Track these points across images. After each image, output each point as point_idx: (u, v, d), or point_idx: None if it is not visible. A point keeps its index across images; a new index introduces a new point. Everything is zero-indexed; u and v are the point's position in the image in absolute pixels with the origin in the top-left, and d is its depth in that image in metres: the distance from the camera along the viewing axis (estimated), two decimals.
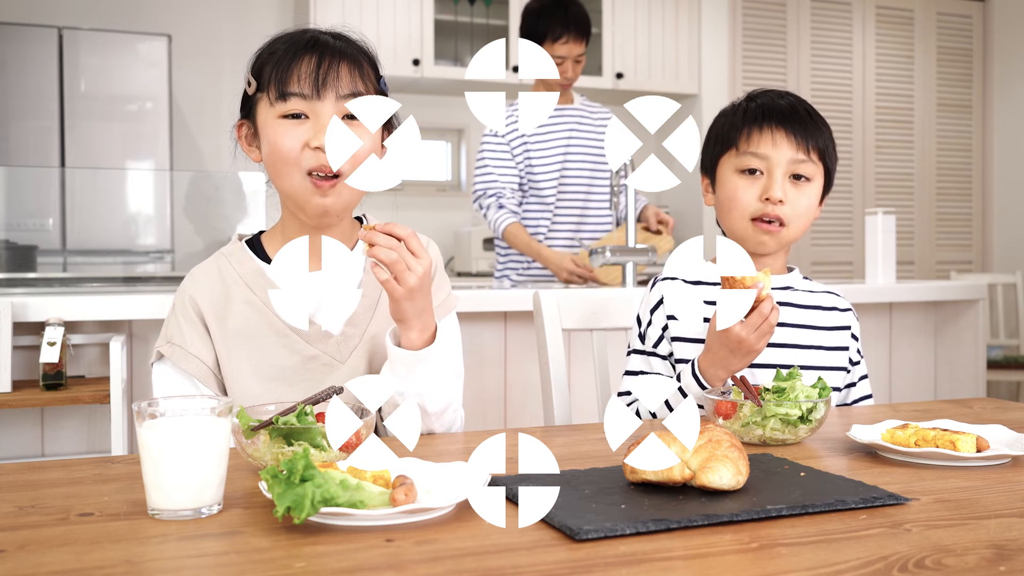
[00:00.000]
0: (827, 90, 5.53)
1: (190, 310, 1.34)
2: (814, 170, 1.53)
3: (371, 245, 1.18)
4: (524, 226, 3.15)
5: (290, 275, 1.35)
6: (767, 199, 1.50)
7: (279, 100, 1.28)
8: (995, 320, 5.21)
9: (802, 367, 1.52)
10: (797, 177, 1.52)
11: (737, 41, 5.32)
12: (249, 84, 1.32)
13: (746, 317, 1.35)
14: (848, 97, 5.60)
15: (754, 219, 1.52)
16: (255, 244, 1.41)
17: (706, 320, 1.54)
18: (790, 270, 1.63)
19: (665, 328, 1.57)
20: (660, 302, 1.58)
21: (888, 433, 1.17)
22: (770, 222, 1.51)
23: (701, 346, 1.50)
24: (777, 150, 1.50)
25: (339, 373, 1.34)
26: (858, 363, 1.63)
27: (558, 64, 3.11)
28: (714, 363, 1.41)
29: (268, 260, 1.38)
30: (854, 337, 1.63)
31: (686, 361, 1.52)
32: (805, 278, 1.65)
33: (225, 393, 1.35)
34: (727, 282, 1.35)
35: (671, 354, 1.57)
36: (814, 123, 1.53)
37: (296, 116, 1.28)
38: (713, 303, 1.56)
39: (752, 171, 1.52)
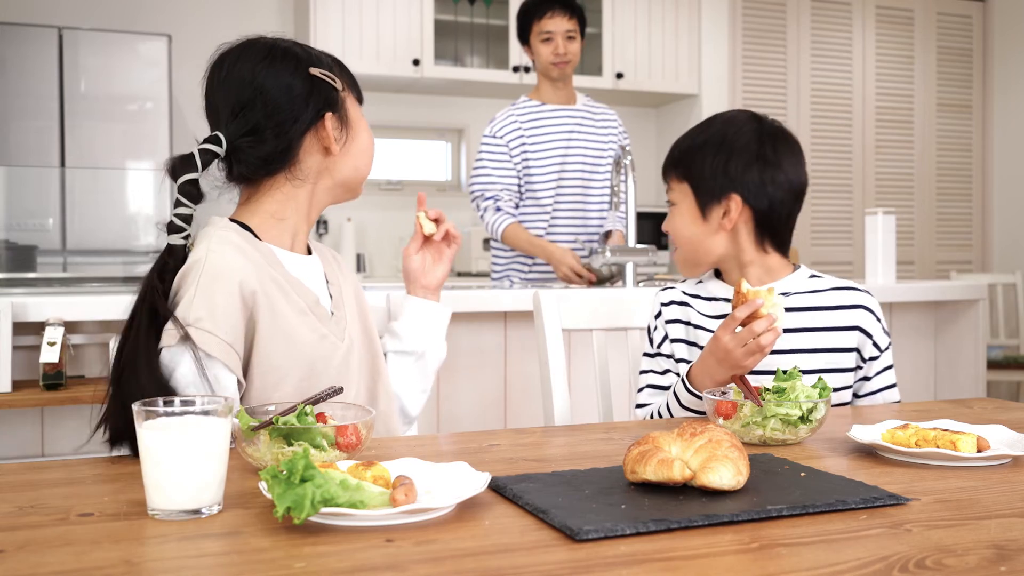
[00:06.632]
0: (827, 90, 5.54)
1: (235, 291, 1.27)
2: (678, 196, 1.63)
3: (435, 222, 1.55)
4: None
5: (300, 260, 1.42)
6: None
7: (358, 101, 1.47)
8: (995, 320, 5.21)
9: (804, 371, 1.51)
10: (672, 203, 1.66)
11: (737, 41, 5.32)
12: (335, 80, 1.42)
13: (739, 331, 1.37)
14: (848, 97, 5.60)
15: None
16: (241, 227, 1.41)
17: (694, 326, 1.63)
18: (796, 268, 1.64)
19: (666, 335, 1.66)
20: (659, 312, 1.68)
21: (888, 433, 1.17)
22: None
23: (688, 346, 1.63)
24: (671, 194, 1.66)
25: (341, 351, 1.38)
26: (876, 357, 1.62)
27: (548, 40, 3.11)
28: (703, 371, 1.45)
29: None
30: (866, 333, 1.60)
31: (685, 361, 1.60)
32: (813, 276, 1.65)
33: (244, 383, 1.30)
34: (736, 296, 1.39)
35: (672, 354, 1.64)
36: (682, 162, 1.63)
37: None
38: (714, 316, 1.63)
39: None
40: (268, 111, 1.35)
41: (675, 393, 1.53)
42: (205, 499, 0.88)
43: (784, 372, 1.31)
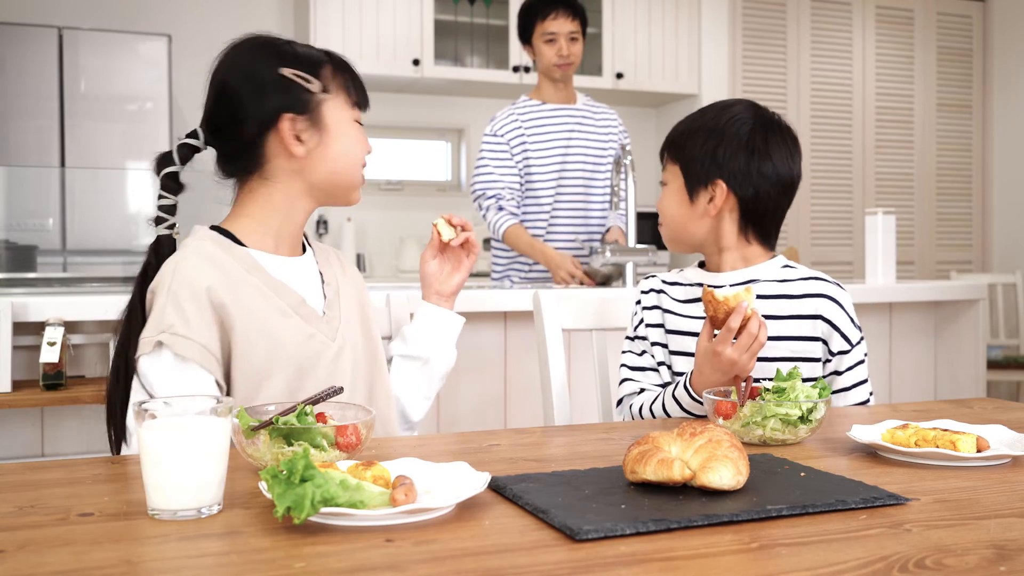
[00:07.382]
0: (827, 90, 5.53)
1: (203, 299, 1.29)
2: (670, 176, 1.66)
3: (461, 228, 1.58)
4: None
5: (285, 263, 1.42)
6: None
7: (355, 107, 1.44)
8: (995, 320, 5.21)
9: (768, 359, 1.53)
10: (664, 183, 1.69)
11: (737, 41, 5.32)
12: (310, 82, 1.39)
13: (736, 338, 1.36)
14: (848, 97, 5.60)
15: None
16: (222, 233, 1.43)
17: (664, 310, 1.66)
18: (774, 256, 1.64)
19: (643, 319, 1.70)
20: (639, 300, 1.72)
21: (888, 433, 1.17)
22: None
23: (661, 330, 1.66)
24: (664, 174, 1.69)
25: (332, 350, 1.39)
26: (847, 351, 1.58)
27: (551, 41, 3.11)
28: (704, 385, 1.44)
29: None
30: (832, 325, 1.58)
31: (656, 344, 1.66)
32: (787, 266, 1.64)
33: (224, 385, 1.32)
34: (709, 305, 1.35)
35: (647, 337, 1.68)
36: (676, 144, 1.65)
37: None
38: (684, 300, 1.65)
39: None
40: (229, 109, 1.39)
41: (675, 398, 1.53)
42: (205, 499, 0.88)
43: (784, 372, 1.31)
